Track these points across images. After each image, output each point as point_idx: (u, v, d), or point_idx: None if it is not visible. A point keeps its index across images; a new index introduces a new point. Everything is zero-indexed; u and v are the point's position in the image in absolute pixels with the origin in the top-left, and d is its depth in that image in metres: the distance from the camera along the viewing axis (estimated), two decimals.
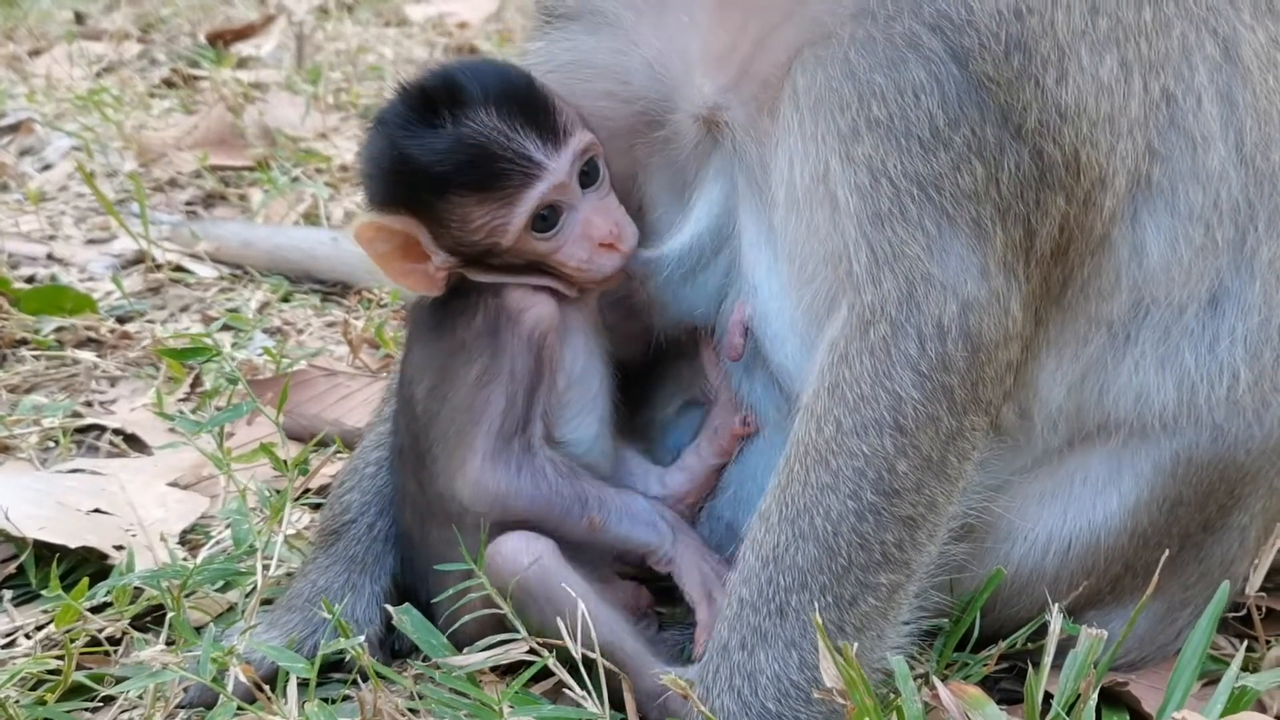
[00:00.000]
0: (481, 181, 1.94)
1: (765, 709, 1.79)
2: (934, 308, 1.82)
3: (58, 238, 4.04)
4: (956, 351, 1.83)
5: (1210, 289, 1.98)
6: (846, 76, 1.84)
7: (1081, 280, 1.94)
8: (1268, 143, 1.98)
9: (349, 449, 2.62)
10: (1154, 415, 1.99)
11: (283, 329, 3.46)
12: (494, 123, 1.93)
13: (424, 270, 2.03)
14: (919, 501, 1.84)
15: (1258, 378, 1.99)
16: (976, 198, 1.83)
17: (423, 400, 2.07)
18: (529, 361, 2.00)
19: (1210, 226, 1.95)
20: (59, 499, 2.50)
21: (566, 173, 1.97)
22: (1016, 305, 1.87)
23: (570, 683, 1.85)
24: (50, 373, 3.16)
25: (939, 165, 1.82)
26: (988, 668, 2.01)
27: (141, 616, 2.21)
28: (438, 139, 1.93)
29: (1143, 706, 1.94)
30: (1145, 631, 2.07)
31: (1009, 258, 1.85)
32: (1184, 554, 2.04)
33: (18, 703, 1.92)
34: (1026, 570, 2.04)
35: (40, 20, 6.88)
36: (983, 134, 1.82)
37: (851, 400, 1.83)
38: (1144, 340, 1.98)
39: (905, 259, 1.83)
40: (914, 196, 1.82)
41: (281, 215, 4.17)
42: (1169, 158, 1.93)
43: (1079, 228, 1.89)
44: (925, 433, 1.83)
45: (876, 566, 1.83)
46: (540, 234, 1.99)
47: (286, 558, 2.31)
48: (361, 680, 1.96)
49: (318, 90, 5.35)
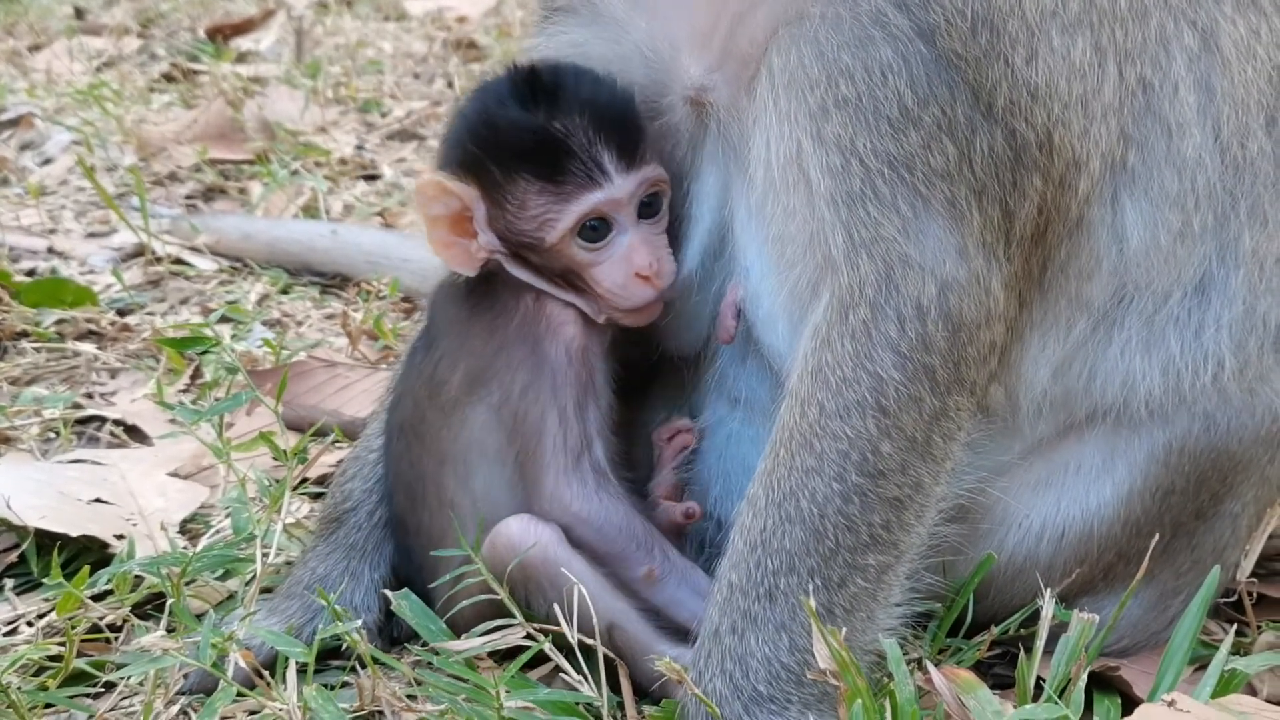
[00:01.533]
0: (549, 172, 1.99)
1: (756, 691, 1.80)
2: (912, 289, 1.83)
3: (58, 231, 4.05)
4: (937, 332, 1.83)
5: (1195, 276, 1.99)
6: (816, 56, 1.84)
7: (1061, 261, 1.94)
8: (1245, 132, 1.98)
9: (348, 439, 2.64)
10: (1140, 402, 1.99)
11: (282, 321, 3.47)
12: (582, 124, 1.98)
13: (466, 247, 2.05)
14: (905, 482, 1.85)
15: (1243, 366, 2.00)
16: (950, 178, 1.83)
17: (457, 385, 2.07)
18: (571, 376, 2.02)
19: (1187, 212, 1.96)
20: (60, 489, 2.51)
21: (628, 193, 2.01)
22: (998, 286, 1.87)
23: (566, 667, 1.87)
24: (51, 364, 3.18)
25: (909, 145, 1.82)
26: (981, 653, 2.02)
27: (142, 605, 2.23)
28: (527, 119, 1.99)
29: (1134, 691, 1.95)
30: (1138, 619, 2.08)
31: (988, 239, 1.86)
32: (1176, 542, 2.05)
33: (20, 689, 1.93)
34: (1020, 557, 2.05)
35: (40, 15, 6.89)
36: (953, 113, 1.83)
37: (834, 383, 1.84)
38: (1129, 326, 1.99)
39: (881, 241, 1.83)
40: (885, 177, 1.82)
41: (281, 209, 4.18)
42: (1145, 144, 1.93)
43: (1056, 209, 1.90)
44: (908, 413, 1.84)
45: (864, 548, 1.83)
46: (585, 243, 2.02)
47: (285, 546, 2.33)
48: (360, 667, 1.97)
49: (317, 84, 5.37)
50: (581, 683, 1.86)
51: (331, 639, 2.00)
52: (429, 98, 5.43)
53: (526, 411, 2.01)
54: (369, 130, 5.05)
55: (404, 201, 4.29)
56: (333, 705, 1.83)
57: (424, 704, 1.92)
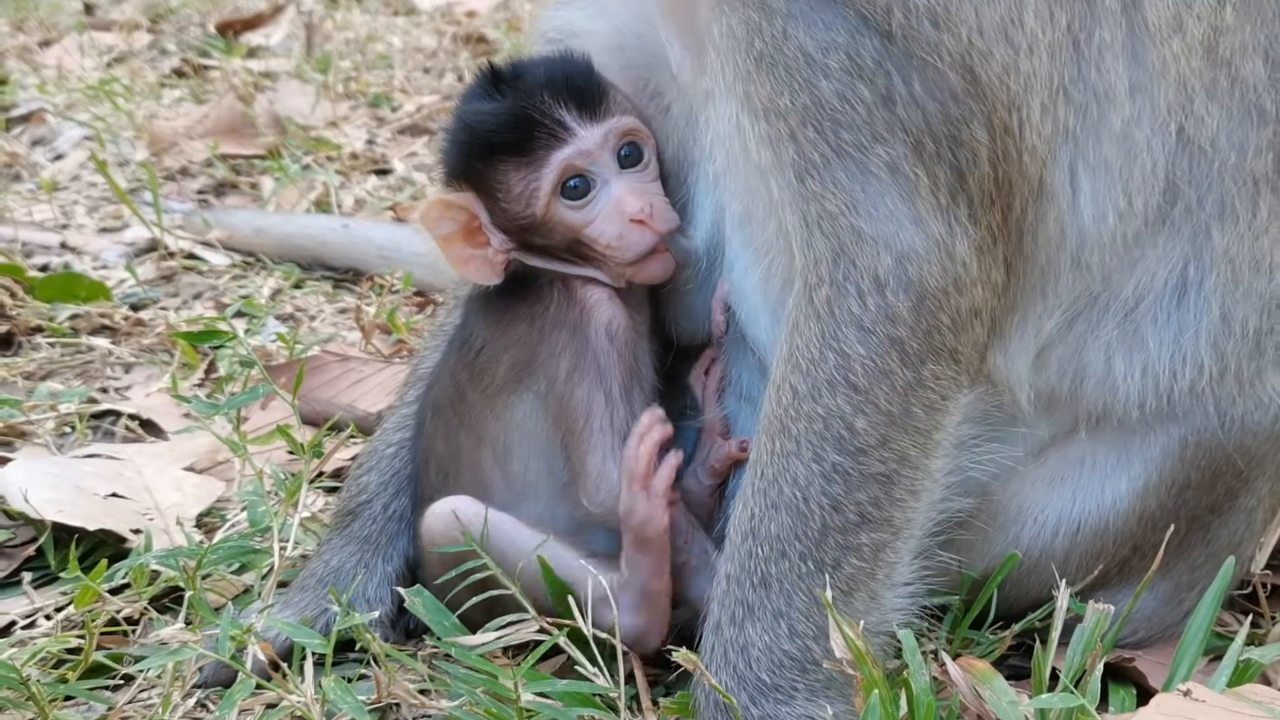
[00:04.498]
0: (519, 146, 2.02)
1: (760, 680, 1.79)
2: (868, 262, 1.78)
3: (70, 226, 4.06)
4: (899, 302, 1.79)
5: (1164, 273, 1.93)
6: (740, 19, 1.81)
7: (1031, 226, 1.86)
8: (1187, 112, 1.88)
9: (363, 434, 2.64)
10: (1134, 404, 1.96)
11: (295, 315, 3.48)
12: (542, 95, 2.02)
13: (484, 256, 2.09)
14: (888, 457, 1.81)
15: (1224, 370, 1.96)
16: (880, 137, 1.77)
17: (502, 375, 2.08)
18: (614, 357, 2.04)
19: (1130, 194, 1.88)
20: (76, 483, 2.52)
21: (596, 143, 2.02)
22: (964, 250, 1.80)
23: (581, 659, 1.87)
24: (65, 359, 3.19)
25: (824, 96, 1.76)
26: (1001, 648, 2.01)
27: (159, 598, 2.24)
28: (492, 106, 2.04)
29: (1148, 682, 1.95)
30: (1152, 612, 2.07)
31: (943, 201, 1.79)
32: (1191, 536, 2.04)
33: (39, 681, 1.94)
34: (1036, 552, 2.04)
35: (50, 11, 6.91)
36: (856, 54, 1.76)
37: (804, 366, 1.81)
38: (1106, 325, 1.94)
39: (829, 217, 1.79)
40: (814, 142, 1.77)
41: (293, 203, 4.20)
42: (1084, 109, 1.85)
43: (1010, 164, 1.82)
44: (880, 387, 1.80)
45: (855, 527, 1.81)
46: (571, 203, 2.03)
47: (302, 540, 2.34)
48: (376, 661, 1.98)
49: (327, 79, 5.38)
50: (597, 675, 1.87)
51: (347, 631, 2.00)
52: (439, 92, 5.44)
53: (572, 394, 2.02)
54: (380, 125, 5.06)
55: (415, 196, 4.30)
56: (352, 697, 1.84)
57: (440, 698, 1.93)
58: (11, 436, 2.81)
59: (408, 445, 2.26)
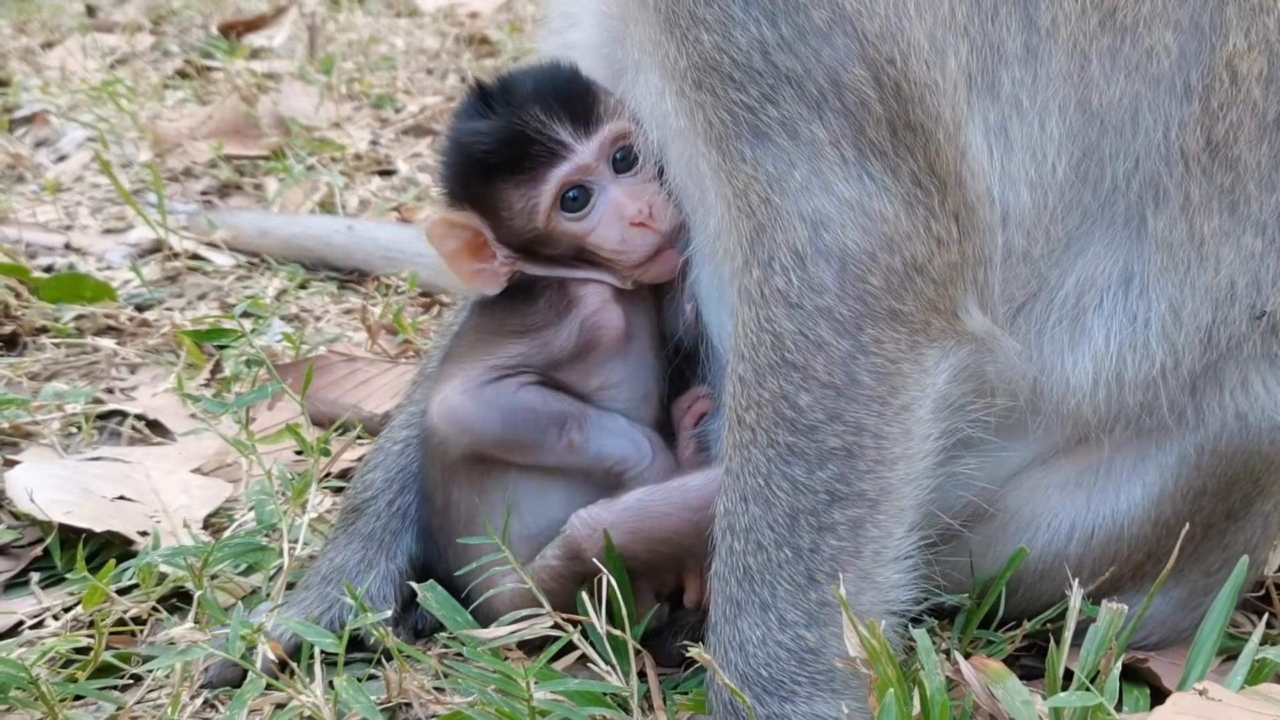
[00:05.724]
0: (517, 165, 2.02)
1: (760, 676, 1.76)
2: (785, 236, 1.73)
3: (75, 227, 4.06)
4: (821, 272, 1.73)
5: (1105, 264, 1.88)
6: None
7: (960, 175, 1.78)
8: (1087, 80, 1.82)
9: (370, 434, 2.64)
10: (1083, 395, 1.92)
11: (300, 316, 3.48)
12: (534, 111, 2.01)
13: (491, 269, 2.11)
14: (842, 430, 1.75)
15: (1189, 362, 1.92)
16: (766, 95, 1.72)
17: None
18: (572, 342, 2.05)
19: (1039, 161, 1.82)
20: (84, 485, 2.51)
21: (593, 155, 2.03)
22: (885, 205, 1.73)
23: (594, 657, 1.87)
24: (71, 360, 3.18)
25: (707, 50, 1.73)
26: (1012, 646, 2.01)
27: (166, 599, 2.23)
28: (485, 125, 2.04)
29: (1162, 683, 1.94)
30: (1167, 616, 2.07)
31: (848, 156, 1.73)
32: (1206, 541, 2.03)
33: (48, 681, 1.93)
34: (1050, 556, 2.03)
35: (53, 13, 6.91)
36: (726, 2, 1.72)
37: (747, 353, 1.78)
38: (1055, 312, 1.89)
39: (743, 193, 1.75)
40: (709, 104, 1.74)
41: (297, 204, 4.19)
42: (984, 62, 1.78)
43: (907, 103, 1.74)
44: (816, 360, 1.74)
45: (825, 506, 1.76)
46: (570, 214, 2.04)
47: (310, 540, 2.33)
48: (385, 660, 1.97)
49: (331, 80, 5.38)
50: (609, 673, 1.86)
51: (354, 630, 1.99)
52: (442, 93, 5.44)
53: (496, 338, 2.08)
54: (383, 126, 5.05)
55: (419, 197, 4.29)
56: (364, 696, 1.83)
57: (452, 696, 1.93)
58: (17, 437, 2.81)
59: (414, 443, 2.25)
